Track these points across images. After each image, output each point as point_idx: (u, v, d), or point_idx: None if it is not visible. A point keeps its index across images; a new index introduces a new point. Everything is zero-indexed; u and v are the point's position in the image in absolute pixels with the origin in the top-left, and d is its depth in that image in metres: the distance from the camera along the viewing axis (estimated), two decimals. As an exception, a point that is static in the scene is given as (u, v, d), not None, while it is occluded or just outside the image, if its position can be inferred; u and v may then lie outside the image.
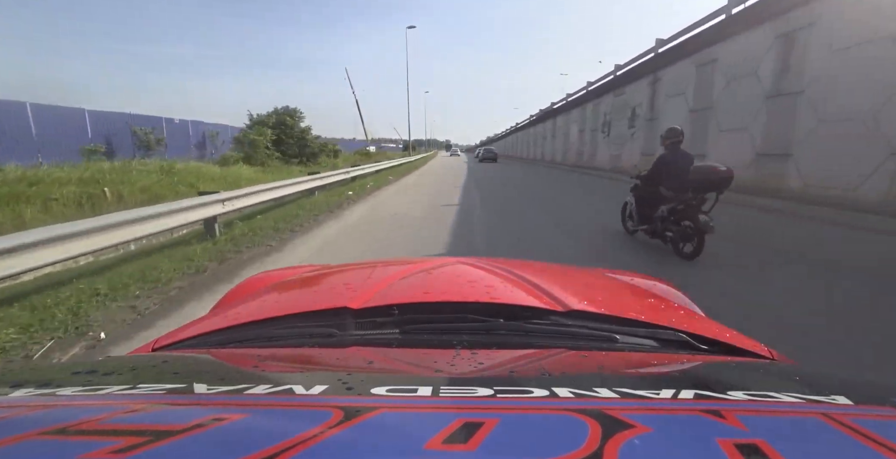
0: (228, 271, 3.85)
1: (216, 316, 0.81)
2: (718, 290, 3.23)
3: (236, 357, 0.61)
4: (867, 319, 2.73)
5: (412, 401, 0.37)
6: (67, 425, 0.31)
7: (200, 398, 0.38)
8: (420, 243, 4.95)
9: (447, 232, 5.50)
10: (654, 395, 0.38)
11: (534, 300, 0.76)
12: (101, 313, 2.81)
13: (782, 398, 0.38)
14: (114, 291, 3.12)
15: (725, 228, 4.69)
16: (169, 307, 2.99)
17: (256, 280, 1.25)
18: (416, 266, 1.03)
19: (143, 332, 2.58)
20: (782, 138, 8.01)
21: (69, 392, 0.40)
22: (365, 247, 4.77)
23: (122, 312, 2.87)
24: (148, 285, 3.30)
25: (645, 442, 0.29)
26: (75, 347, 2.40)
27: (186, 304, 3.05)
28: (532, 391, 0.39)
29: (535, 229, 5.88)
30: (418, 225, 6.03)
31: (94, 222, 3.35)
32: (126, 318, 2.79)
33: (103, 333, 2.56)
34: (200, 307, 2.90)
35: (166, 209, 4.21)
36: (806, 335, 2.45)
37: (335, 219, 6.66)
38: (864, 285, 3.39)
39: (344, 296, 0.79)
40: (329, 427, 0.30)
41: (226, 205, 5.25)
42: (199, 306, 2.95)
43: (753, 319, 2.64)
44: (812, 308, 2.88)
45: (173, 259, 4.02)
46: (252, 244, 4.73)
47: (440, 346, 0.63)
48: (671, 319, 0.74)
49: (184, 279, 3.54)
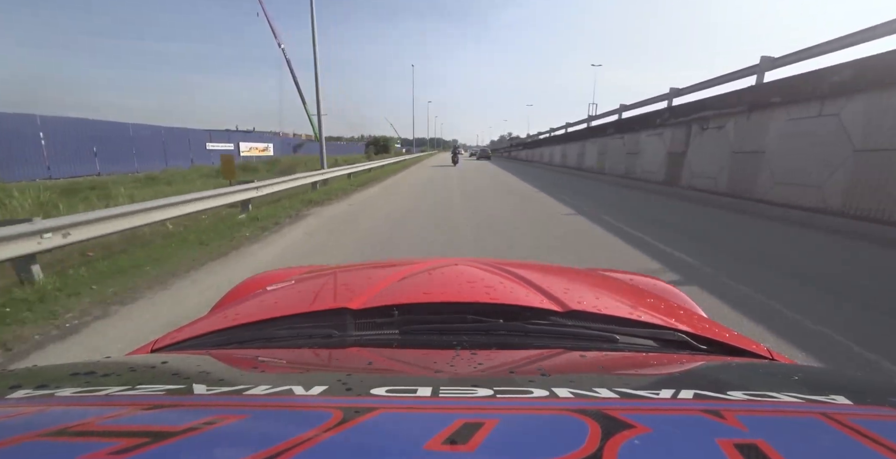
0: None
1: (215, 317, 0.81)
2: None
3: (235, 358, 0.61)
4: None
5: (412, 402, 0.37)
6: (66, 426, 0.31)
7: (200, 399, 0.38)
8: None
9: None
10: (654, 395, 0.38)
11: (533, 301, 0.76)
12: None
13: (782, 398, 0.38)
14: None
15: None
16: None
17: (256, 281, 1.24)
18: (416, 267, 1.03)
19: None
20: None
21: (68, 393, 0.40)
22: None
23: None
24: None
25: (645, 442, 0.29)
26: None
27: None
28: (532, 392, 0.39)
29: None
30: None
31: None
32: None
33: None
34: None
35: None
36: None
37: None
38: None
39: (343, 297, 0.79)
40: (328, 427, 0.30)
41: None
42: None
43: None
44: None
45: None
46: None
47: (440, 346, 0.63)
48: (671, 319, 0.74)
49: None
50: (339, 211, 7.50)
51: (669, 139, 12.16)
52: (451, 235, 5.40)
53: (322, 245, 4.91)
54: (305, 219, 6.66)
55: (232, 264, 4.12)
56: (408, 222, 6.31)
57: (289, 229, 5.84)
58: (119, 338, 2.52)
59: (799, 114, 7.53)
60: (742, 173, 8.86)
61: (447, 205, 8.23)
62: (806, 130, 7.34)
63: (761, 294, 3.18)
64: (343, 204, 8.34)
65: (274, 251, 4.66)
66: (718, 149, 9.76)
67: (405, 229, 5.76)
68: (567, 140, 24.25)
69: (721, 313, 2.82)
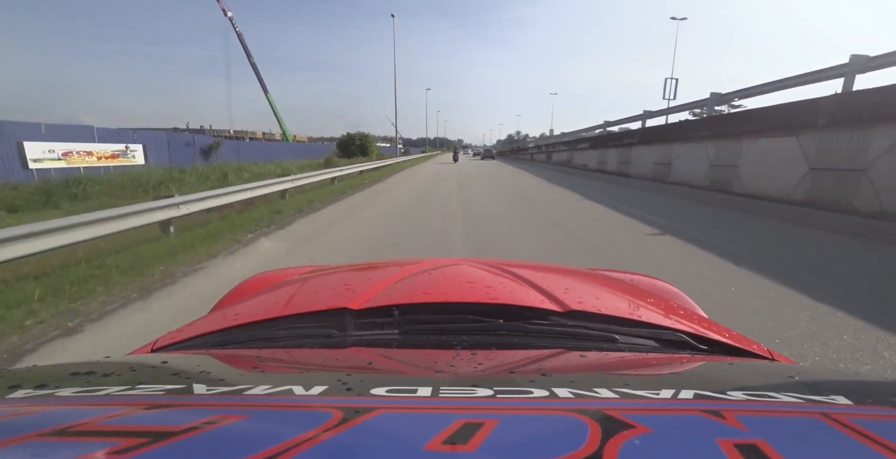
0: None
1: (215, 317, 0.81)
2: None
3: (236, 358, 0.61)
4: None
5: (412, 402, 0.37)
6: (66, 426, 0.31)
7: (200, 399, 0.38)
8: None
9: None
10: (654, 395, 0.38)
11: (533, 301, 0.76)
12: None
13: (782, 399, 0.38)
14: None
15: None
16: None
17: (256, 281, 1.24)
18: (416, 267, 1.03)
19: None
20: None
21: (68, 393, 0.40)
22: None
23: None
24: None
25: (645, 443, 0.29)
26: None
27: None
28: (532, 392, 0.39)
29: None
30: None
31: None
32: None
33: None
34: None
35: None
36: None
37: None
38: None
39: (343, 297, 0.79)
40: (328, 427, 0.30)
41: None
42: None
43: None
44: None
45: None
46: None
47: (440, 346, 0.63)
48: (671, 319, 0.74)
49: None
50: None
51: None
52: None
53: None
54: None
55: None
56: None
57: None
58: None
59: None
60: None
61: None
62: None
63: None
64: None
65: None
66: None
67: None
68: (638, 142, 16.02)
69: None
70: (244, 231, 5.66)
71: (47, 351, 2.47)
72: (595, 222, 6.61)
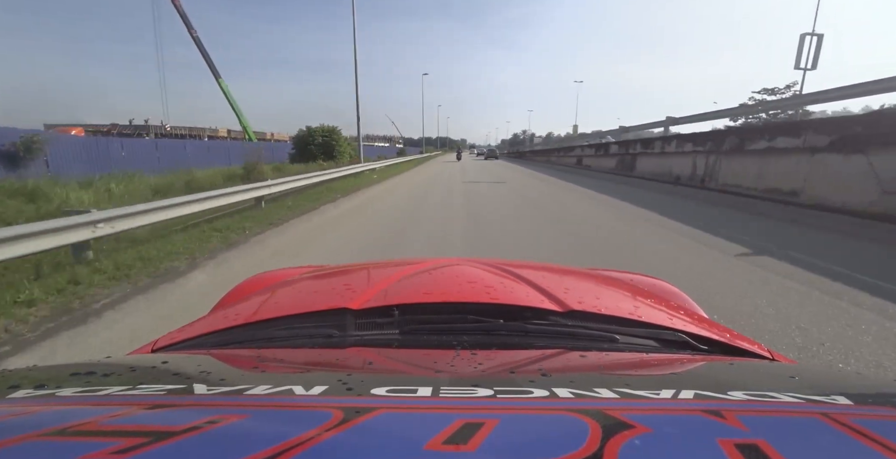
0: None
1: (216, 317, 0.81)
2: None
3: (236, 358, 0.61)
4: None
5: (412, 402, 0.37)
6: (67, 426, 0.31)
7: (200, 399, 0.38)
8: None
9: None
10: (654, 395, 0.38)
11: (534, 301, 0.76)
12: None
13: (782, 399, 0.38)
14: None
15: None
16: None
17: (256, 281, 1.24)
18: (416, 267, 1.03)
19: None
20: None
21: (69, 393, 0.40)
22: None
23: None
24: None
25: (645, 443, 0.29)
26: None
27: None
28: (532, 392, 0.39)
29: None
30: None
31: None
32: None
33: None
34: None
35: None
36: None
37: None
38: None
39: (344, 297, 0.79)
40: (329, 427, 0.30)
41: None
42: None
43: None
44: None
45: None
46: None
47: (440, 346, 0.63)
48: (671, 319, 0.74)
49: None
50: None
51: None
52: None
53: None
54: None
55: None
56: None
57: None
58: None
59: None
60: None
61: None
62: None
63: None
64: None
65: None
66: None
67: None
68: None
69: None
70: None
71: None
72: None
